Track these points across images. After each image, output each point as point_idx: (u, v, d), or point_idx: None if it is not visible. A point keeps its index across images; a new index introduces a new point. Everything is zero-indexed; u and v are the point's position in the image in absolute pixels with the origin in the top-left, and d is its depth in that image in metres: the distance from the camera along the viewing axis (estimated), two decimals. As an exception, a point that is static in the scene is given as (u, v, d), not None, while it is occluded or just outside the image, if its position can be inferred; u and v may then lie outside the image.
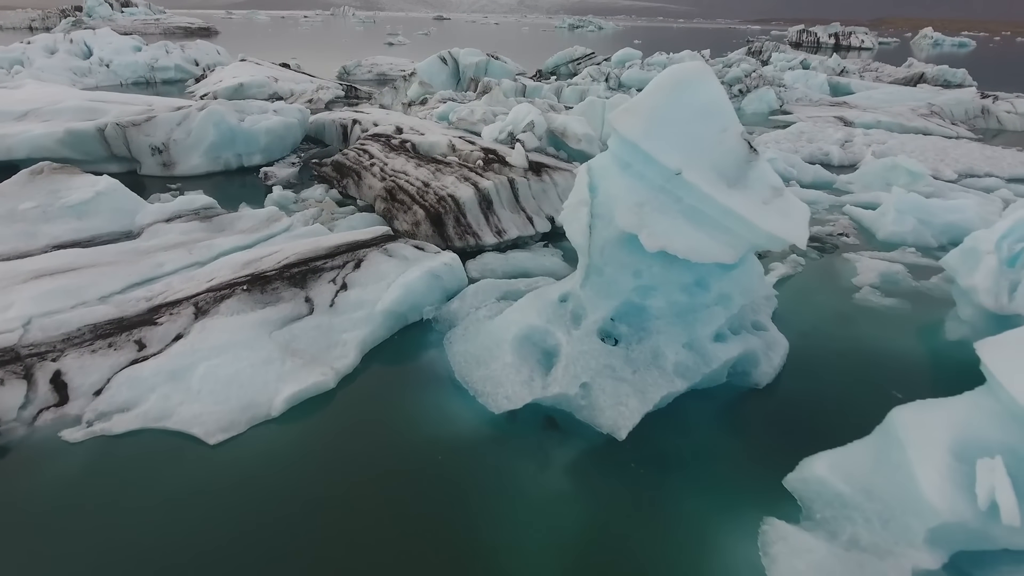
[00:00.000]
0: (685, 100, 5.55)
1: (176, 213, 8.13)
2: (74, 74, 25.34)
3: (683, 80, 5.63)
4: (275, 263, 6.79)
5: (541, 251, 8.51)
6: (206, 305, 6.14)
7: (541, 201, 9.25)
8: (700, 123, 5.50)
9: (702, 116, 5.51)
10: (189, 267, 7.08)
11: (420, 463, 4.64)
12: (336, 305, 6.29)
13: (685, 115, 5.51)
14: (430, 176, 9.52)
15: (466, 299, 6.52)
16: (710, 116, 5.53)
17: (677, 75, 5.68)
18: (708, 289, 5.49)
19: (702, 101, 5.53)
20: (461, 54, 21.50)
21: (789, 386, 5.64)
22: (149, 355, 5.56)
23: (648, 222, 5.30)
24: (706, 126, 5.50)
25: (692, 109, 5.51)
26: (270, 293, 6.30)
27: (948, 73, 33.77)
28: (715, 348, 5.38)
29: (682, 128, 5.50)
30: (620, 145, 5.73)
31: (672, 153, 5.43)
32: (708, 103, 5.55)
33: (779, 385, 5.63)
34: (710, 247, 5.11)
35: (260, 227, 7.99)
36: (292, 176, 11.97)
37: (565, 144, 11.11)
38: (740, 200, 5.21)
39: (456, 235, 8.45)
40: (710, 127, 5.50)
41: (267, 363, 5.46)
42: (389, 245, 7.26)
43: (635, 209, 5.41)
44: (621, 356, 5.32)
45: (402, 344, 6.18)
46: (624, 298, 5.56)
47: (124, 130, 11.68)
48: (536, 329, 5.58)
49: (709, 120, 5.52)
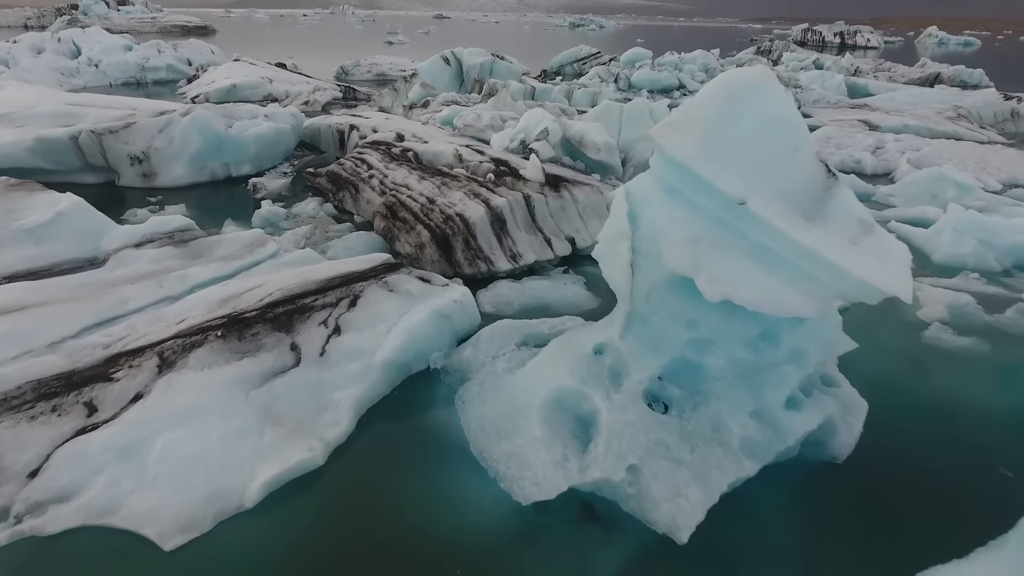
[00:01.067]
0: (746, 112, 4.59)
1: (147, 237, 7.15)
2: (61, 74, 24.33)
3: (743, 88, 4.67)
4: (257, 300, 5.81)
5: (561, 279, 7.53)
6: (172, 356, 5.16)
7: (560, 220, 8.27)
8: (766, 141, 4.54)
9: (768, 132, 4.55)
10: (158, 303, 6.11)
11: (428, 570, 3.68)
12: (327, 354, 5.31)
13: (747, 131, 4.56)
14: (435, 191, 8.55)
15: (480, 345, 5.54)
16: (778, 132, 4.57)
17: (735, 82, 4.73)
18: (778, 344, 4.51)
19: (767, 114, 4.57)
20: (465, 54, 20.51)
21: (874, 460, 4.66)
22: (100, 422, 4.58)
23: (706, 263, 4.34)
24: (774, 144, 4.54)
25: (755, 123, 4.55)
26: (249, 340, 5.32)
27: (964, 73, 32.81)
28: (789, 418, 4.41)
29: (744, 147, 4.54)
30: (666, 166, 4.78)
31: (733, 178, 4.48)
32: (775, 116, 4.59)
33: (862, 458, 4.65)
34: (787, 297, 4.14)
35: (242, 253, 7.01)
36: (284, 188, 10.99)
37: (582, 154, 10.14)
38: (822, 238, 4.24)
39: (465, 260, 7.48)
40: (779, 146, 4.54)
41: (241, 435, 4.48)
42: (390, 277, 6.28)
43: (689, 246, 4.45)
44: (675, 428, 4.35)
45: (405, 402, 5.21)
46: (675, 353, 4.60)
47: (100, 138, 10.70)
48: (568, 391, 4.61)
49: (777, 137, 4.55)
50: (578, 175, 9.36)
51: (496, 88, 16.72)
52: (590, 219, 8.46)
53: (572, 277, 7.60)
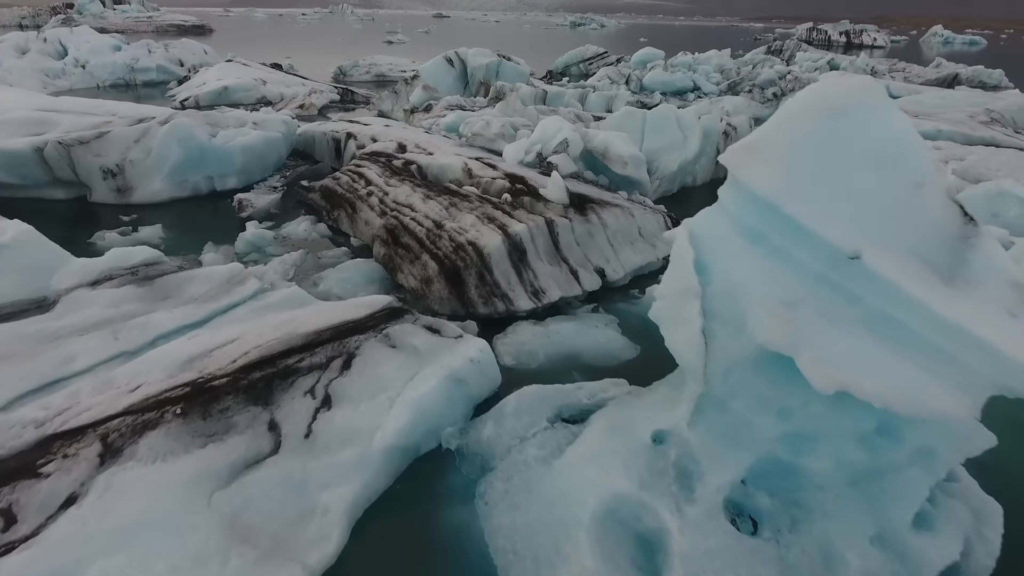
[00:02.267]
0: (851, 135, 3.56)
1: (106, 273, 6.07)
2: (46, 76, 23.23)
3: (844, 104, 3.64)
4: (229, 362, 4.74)
5: (591, 319, 6.46)
6: (119, 440, 4.10)
7: (587, 248, 7.19)
8: (879, 173, 3.50)
9: (881, 161, 3.51)
10: (111, 360, 5.04)
11: None
12: (314, 436, 4.25)
13: (852, 159, 3.53)
14: (442, 213, 7.48)
15: (504, 421, 4.47)
16: (894, 161, 3.52)
17: (832, 95, 3.70)
18: (899, 440, 3.45)
19: (879, 137, 3.54)
20: (469, 55, 19.42)
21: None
22: (17, 541, 3.51)
23: (810, 338, 3.29)
24: (889, 178, 3.49)
25: (863, 150, 3.52)
26: (216, 418, 4.25)
27: (984, 74, 31.72)
28: (921, 543, 3.35)
29: (849, 180, 3.51)
30: (745, 204, 3.74)
31: (839, 222, 3.44)
32: (889, 140, 3.54)
33: (1005, 585, 3.59)
34: (931, 392, 3.07)
35: (217, 293, 5.93)
36: (273, 204, 9.92)
37: (606, 167, 9.07)
38: (970, 308, 3.18)
39: (480, 298, 6.41)
40: (896, 180, 3.49)
41: (199, 562, 3.41)
42: (392, 328, 5.21)
43: (783, 313, 3.40)
44: (772, 558, 3.28)
45: (413, 500, 4.14)
46: (764, 451, 3.55)
47: (68, 149, 9.62)
48: (625, 499, 3.55)
49: (893, 168, 3.51)
50: (604, 193, 8.29)
51: (504, 91, 15.65)
52: (621, 247, 7.39)
53: (603, 317, 6.53)
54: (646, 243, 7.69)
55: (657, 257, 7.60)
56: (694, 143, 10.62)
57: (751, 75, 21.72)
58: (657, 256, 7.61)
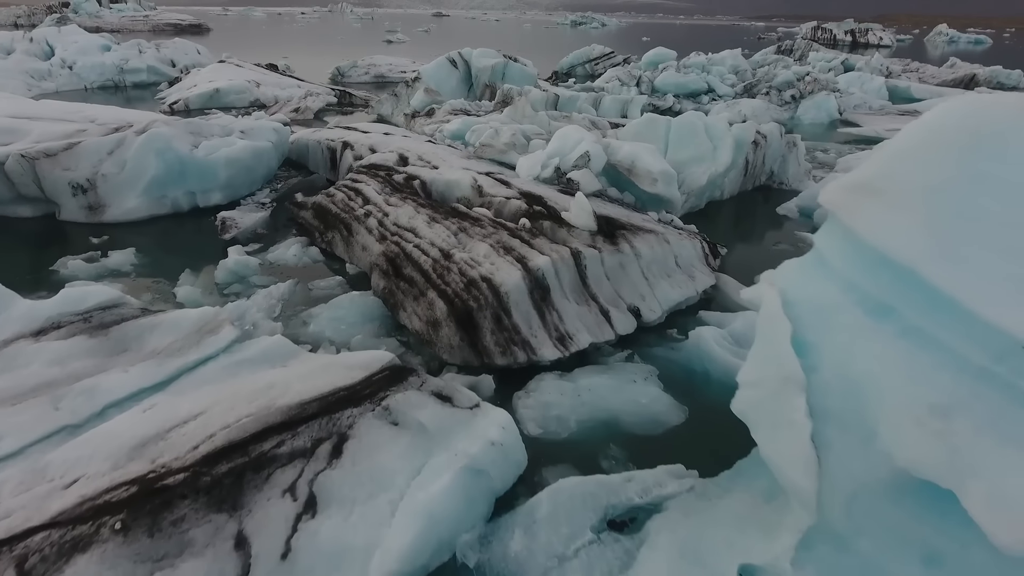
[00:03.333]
0: (1011, 173, 2.65)
1: (54, 321, 5.11)
2: (31, 77, 22.22)
3: (997, 130, 2.72)
4: (189, 448, 3.78)
5: (626, 371, 5.49)
6: (40, 566, 3.14)
7: (619, 283, 6.23)
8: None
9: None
10: (47, 439, 4.09)
11: None
12: (294, 557, 3.29)
13: (1009, 205, 2.60)
14: (451, 240, 6.53)
15: (537, 531, 3.50)
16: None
17: (975, 119, 2.83)
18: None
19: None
20: (474, 56, 18.44)
21: None
22: None
23: (975, 462, 2.38)
24: (1073, 235, 2.54)
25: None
26: (167, 532, 3.29)
27: (1002, 75, 30.76)
28: None
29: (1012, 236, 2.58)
30: (866, 265, 2.85)
31: (1006, 296, 2.52)
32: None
33: None
34: None
35: (184, 346, 4.96)
36: (260, 223, 8.95)
37: (632, 184, 8.11)
38: None
39: (497, 346, 5.45)
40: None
41: None
42: (393, 398, 4.24)
43: (933, 423, 2.48)
44: None
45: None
46: (905, 611, 2.59)
47: (33, 163, 8.65)
48: (714, 676, 2.60)
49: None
50: (633, 215, 7.32)
51: (511, 95, 14.68)
52: (656, 280, 6.42)
53: (640, 368, 5.56)
54: (683, 274, 6.73)
55: (696, 291, 6.63)
56: (725, 154, 9.64)
57: (767, 76, 20.75)
58: (696, 289, 6.64)
